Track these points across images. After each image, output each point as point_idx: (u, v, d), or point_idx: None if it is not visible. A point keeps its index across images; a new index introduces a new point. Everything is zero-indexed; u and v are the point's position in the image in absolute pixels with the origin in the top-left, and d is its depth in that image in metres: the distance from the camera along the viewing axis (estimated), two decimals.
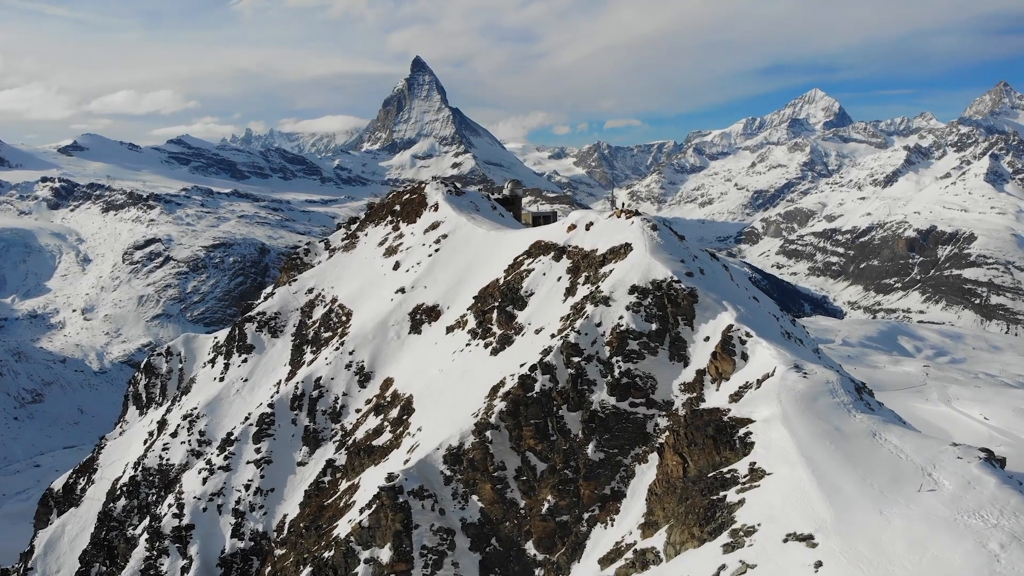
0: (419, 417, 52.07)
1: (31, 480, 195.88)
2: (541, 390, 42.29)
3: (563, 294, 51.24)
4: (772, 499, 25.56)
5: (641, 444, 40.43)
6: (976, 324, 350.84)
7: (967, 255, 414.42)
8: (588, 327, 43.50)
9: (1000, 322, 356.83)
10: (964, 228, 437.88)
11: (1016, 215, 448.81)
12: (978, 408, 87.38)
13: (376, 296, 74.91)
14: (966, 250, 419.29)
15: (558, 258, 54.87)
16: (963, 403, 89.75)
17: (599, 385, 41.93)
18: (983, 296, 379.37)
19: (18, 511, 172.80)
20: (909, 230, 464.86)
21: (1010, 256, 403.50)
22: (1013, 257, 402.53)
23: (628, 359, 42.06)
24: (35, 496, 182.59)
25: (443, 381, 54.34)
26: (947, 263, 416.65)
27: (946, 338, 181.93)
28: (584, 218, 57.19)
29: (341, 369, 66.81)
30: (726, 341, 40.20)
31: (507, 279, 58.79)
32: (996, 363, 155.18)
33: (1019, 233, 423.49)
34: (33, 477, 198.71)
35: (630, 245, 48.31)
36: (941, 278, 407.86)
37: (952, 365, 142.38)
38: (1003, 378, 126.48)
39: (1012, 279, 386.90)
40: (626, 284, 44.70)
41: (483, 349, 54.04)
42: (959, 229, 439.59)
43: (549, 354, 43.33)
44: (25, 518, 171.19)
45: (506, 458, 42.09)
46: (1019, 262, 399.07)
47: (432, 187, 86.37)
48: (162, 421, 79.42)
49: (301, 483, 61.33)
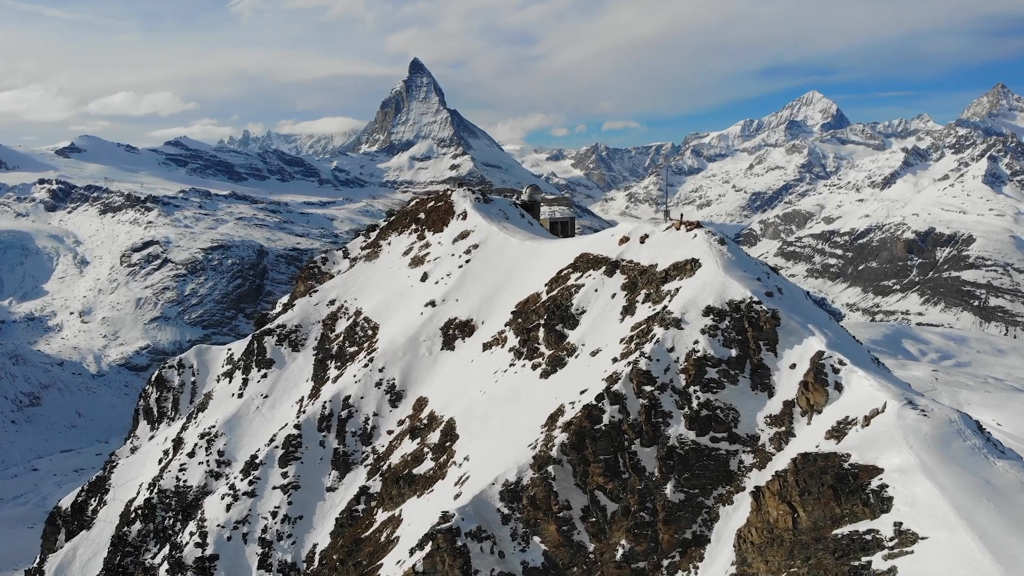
0: (464, 444, 48.46)
1: (28, 484, 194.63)
2: (610, 422, 38.81)
3: (619, 313, 47.79)
4: (934, 569, 22.15)
5: (724, 483, 37.03)
6: (975, 326, 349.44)
7: (966, 257, 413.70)
8: (659, 352, 40.03)
9: (999, 324, 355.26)
10: (962, 230, 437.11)
11: (1014, 217, 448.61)
12: (990, 414, 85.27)
13: (404, 309, 71.36)
14: (965, 252, 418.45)
15: (610, 273, 51.34)
16: (975, 409, 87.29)
17: (675, 417, 38.49)
18: (982, 298, 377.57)
19: (16, 515, 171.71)
20: (908, 232, 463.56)
21: (1009, 258, 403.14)
22: (1012, 259, 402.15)
23: (707, 389, 38.65)
24: (33, 500, 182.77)
25: (487, 404, 50.73)
26: (946, 265, 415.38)
27: (950, 341, 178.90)
28: (637, 230, 53.47)
29: (371, 387, 63.31)
30: (817, 370, 36.88)
31: (552, 294, 55.31)
32: (1001, 366, 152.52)
33: (1017, 235, 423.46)
34: (31, 481, 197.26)
35: (697, 261, 44.84)
36: (940, 280, 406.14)
37: (958, 369, 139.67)
38: (1010, 382, 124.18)
39: (1011, 281, 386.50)
40: (699, 305, 41.26)
41: (531, 371, 50.47)
42: (957, 231, 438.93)
43: (617, 382, 39.80)
44: (23, 522, 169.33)
45: (571, 496, 38.61)
46: (1018, 264, 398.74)
47: (459, 194, 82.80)
48: (178, 439, 75.64)
49: (331, 510, 57.89)
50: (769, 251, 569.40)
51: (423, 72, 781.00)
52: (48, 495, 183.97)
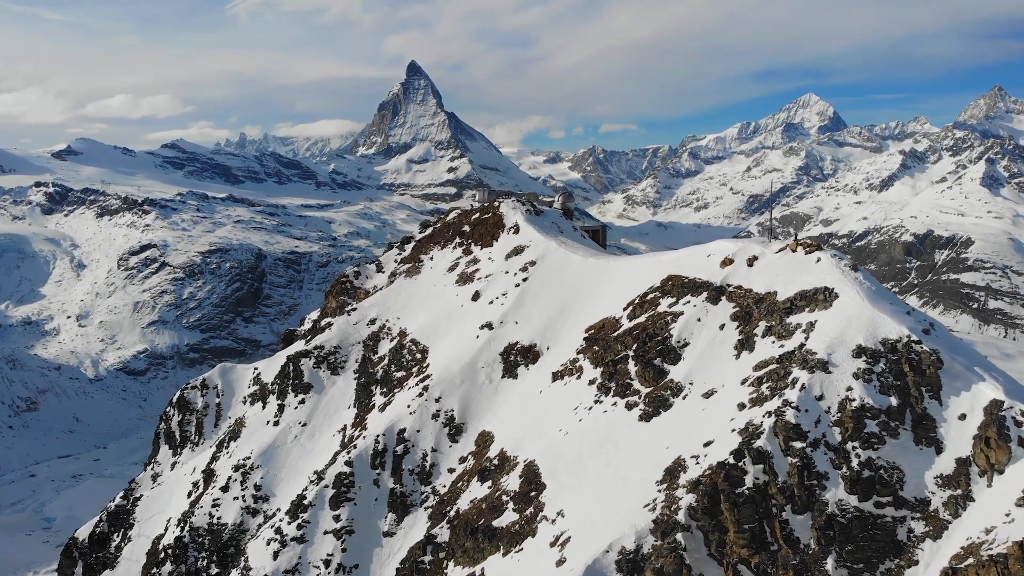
0: (555, 495, 42.88)
1: (26, 491, 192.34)
2: (754, 485, 33.43)
3: (733, 348, 42.36)
4: None
5: (892, 556, 31.78)
6: (975, 329, 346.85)
7: (964, 259, 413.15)
8: (807, 401, 34.70)
9: (998, 327, 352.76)
10: (961, 232, 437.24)
11: (1013, 219, 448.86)
12: None
13: (455, 331, 65.89)
14: (963, 254, 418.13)
15: (714, 300, 45.83)
16: None
17: (832, 479, 33.16)
18: (981, 300, 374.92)
19: (14, 522, 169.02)
20: (906, 234, 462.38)
21: (1007, 260, 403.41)
22: (1010, 261, 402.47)
23: (867, 444, 33.36)
24: (30, 507, 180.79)
25: (575, 448, 45.12)
26: (944, 267, 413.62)
27: None
28: (743, 250, 47.66)
29: (427, 419, 57.84)
30: (998, 423, 31.63)
31: (639, 321, 49.87)
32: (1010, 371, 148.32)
33: (1016, 237, 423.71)
34: (28, 487, 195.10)
35: (831, 291, 39.43)
36: (939, 282, 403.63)
37: None
38: None
39: (1009, 283, 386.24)
40: (847, 344, 35.95)
41: (625, 410, 44.95)
42: (956, 233, 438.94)
43: (758, 436, 34.40)
44: (21, 530, 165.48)
45: (706, 570, 33.27)
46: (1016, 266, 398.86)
47: (508, 206, 77.17)
48: (209, 471, 69.85)
49: (390, 558, 52.44)
50: None
51: (420, 74, 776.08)
52: (46, 501, 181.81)
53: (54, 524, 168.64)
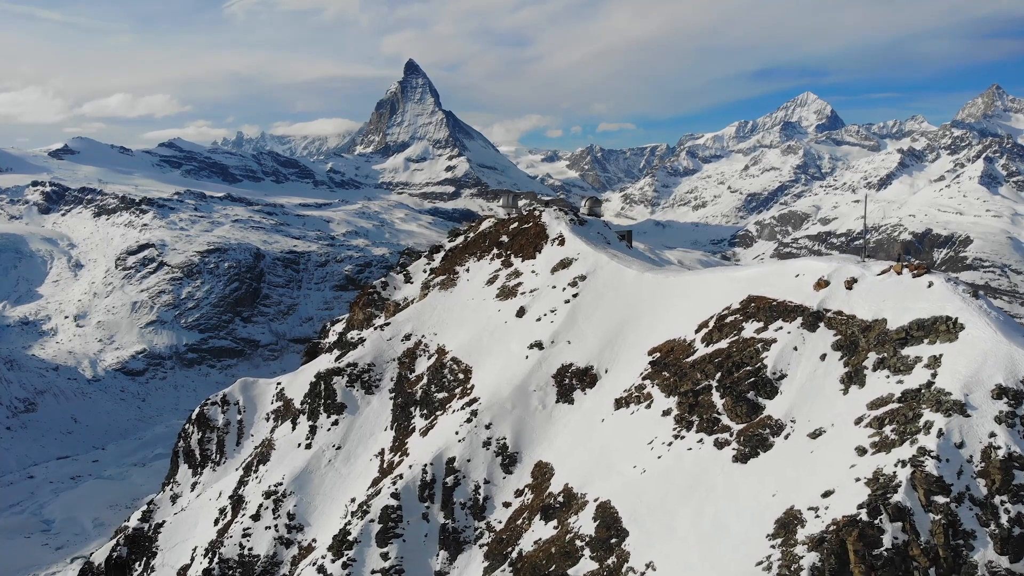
0: (640, 544, 39.00)
1: (24, 492, 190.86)
2: (893, 545, 29.70)
3: (840, 382, 38.50)
4: None
5: None
6: None
7: (963, 258, 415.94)
8: (947, 449, 30.93)
9: None
10: (959, 231, 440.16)
11: (1011, 218, 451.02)
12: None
13: (499, 350, 61.97)
14: (962, 253, 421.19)
15: (811, 327, 41.85)
16: None
17: (979, 538, 29.46)
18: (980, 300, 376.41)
19: (12, 525, 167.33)
20: (904, 233, 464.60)
21: (1006, 259, 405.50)
22: (1009, 260, 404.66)
23: (1017, 499, 29.65)
24: (29, 509, 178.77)
25: (659, 490, 41.20)
26: (943, 266, 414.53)
27: None
28: (839, 271, 43.35)
29: (478, 448, 53.93)
30: None
31: (720, 347, 46.02)
32: None
33: (1015, 236, 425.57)
34: (27, 489, 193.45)
35: (955, 320, 35.66)
36: None
37: None
38: None
39: (1008, 282, 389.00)
40: (985, 383, 32.20)
41: (714, 448, 41.07)
42: (954, 232, 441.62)
43: (896, 490, 30.59)
44: (19, 532, 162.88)
45: None
46: (1015, 265, 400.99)
47: (551, 215, 73.07)
48: (238, 497, 65.90)
49: None
50: (765, 252, 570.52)
51: (418, 74, 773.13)
52: (45, 503, 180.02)
53: (53, 526, 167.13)
